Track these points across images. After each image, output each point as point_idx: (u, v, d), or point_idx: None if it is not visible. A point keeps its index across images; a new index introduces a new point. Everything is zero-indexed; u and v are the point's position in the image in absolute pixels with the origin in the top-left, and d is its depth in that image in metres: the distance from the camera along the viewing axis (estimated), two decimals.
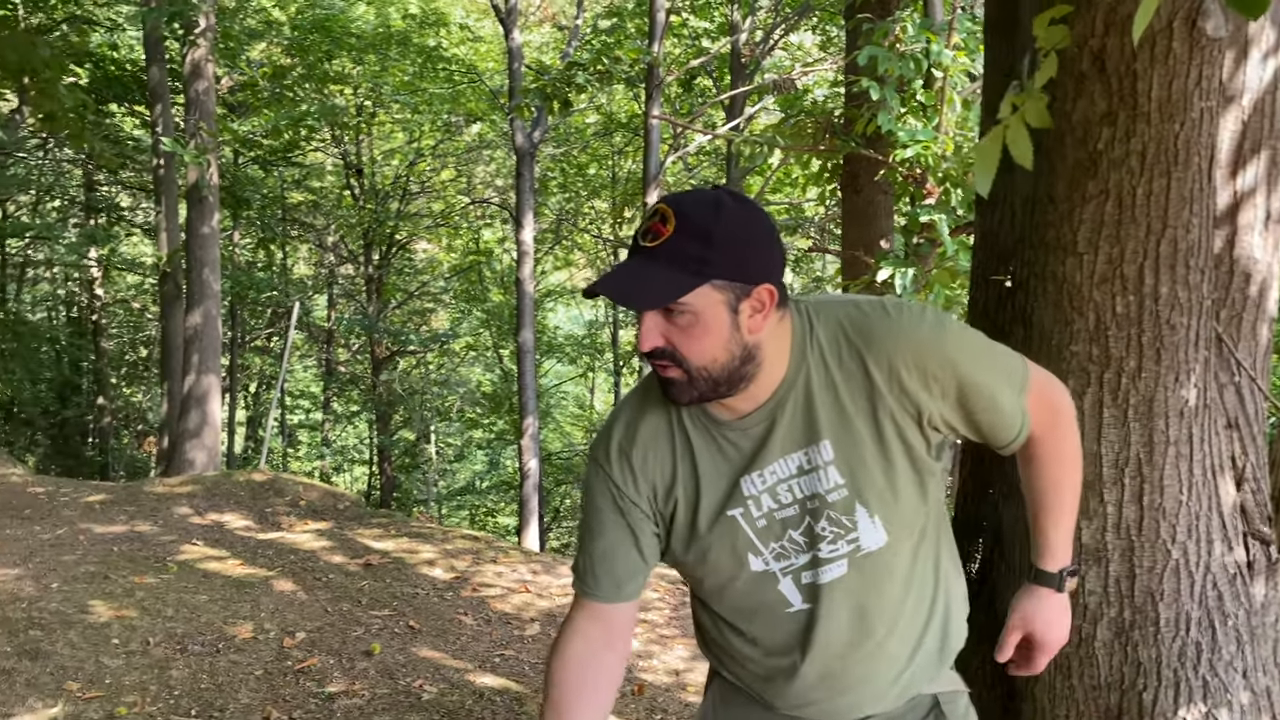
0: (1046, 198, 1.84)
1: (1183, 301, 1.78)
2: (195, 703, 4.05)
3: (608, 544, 1.43)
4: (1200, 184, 1.75)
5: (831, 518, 1.37)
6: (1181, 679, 1.87)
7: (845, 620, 1.39)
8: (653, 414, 1.42)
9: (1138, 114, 1.72)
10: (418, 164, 19.41)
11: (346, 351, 21.64)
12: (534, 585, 6.37)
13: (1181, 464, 1.83)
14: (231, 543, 6.55)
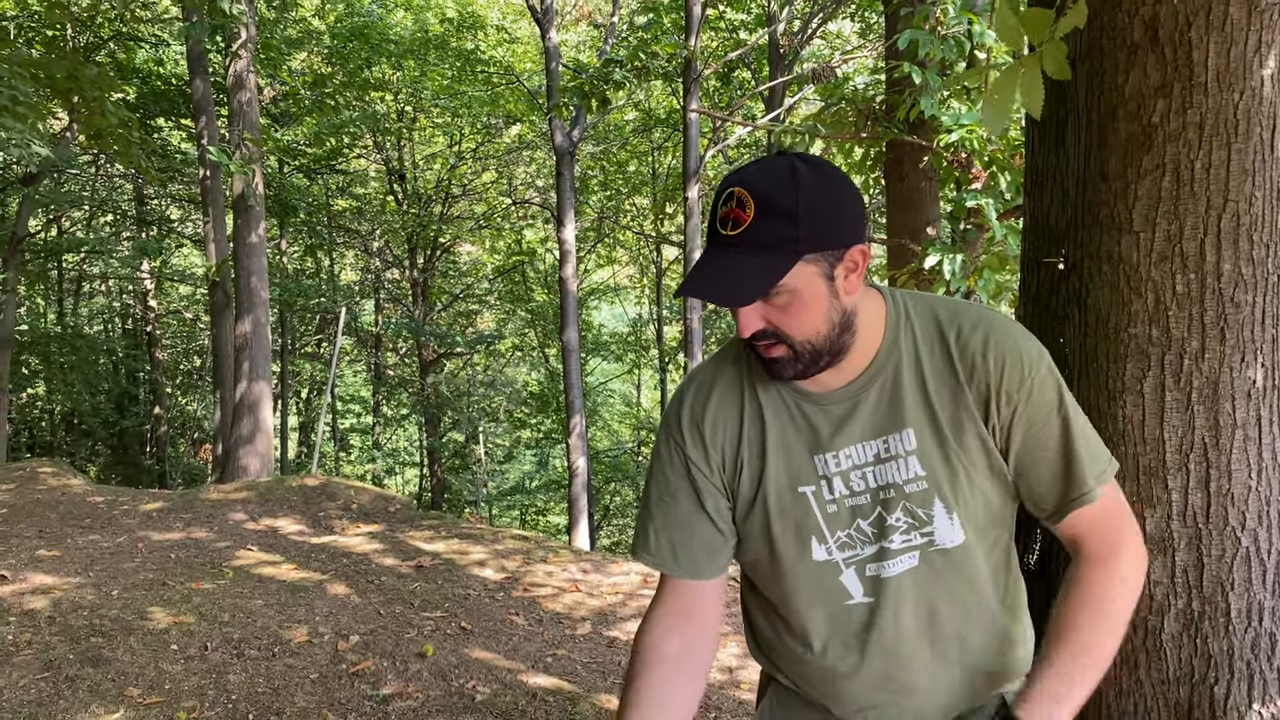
0: (1099, 175, 1.78)
1: (1247, 278, 1.71)
2: (253, 707, 4.09)
3: (683, 518, 1.37)
4: (1263, 155, 1.68)
5: (908, 509, 1.31)
6: (1255, 671, 1.79)
7: (911, 616, 1.33)
8: (725, 378, 1.37)
9: (1194, 84, 1.65)
10: (459, 167, 19.55)
11: (395, 355, 21.87)
12: (584, 584, 6.36)
13: (1250, 448, 1.75)
14: (285, 547, 6.63)
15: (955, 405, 1.29)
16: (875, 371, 1.31)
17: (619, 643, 5.27)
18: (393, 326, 19.66)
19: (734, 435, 1.35)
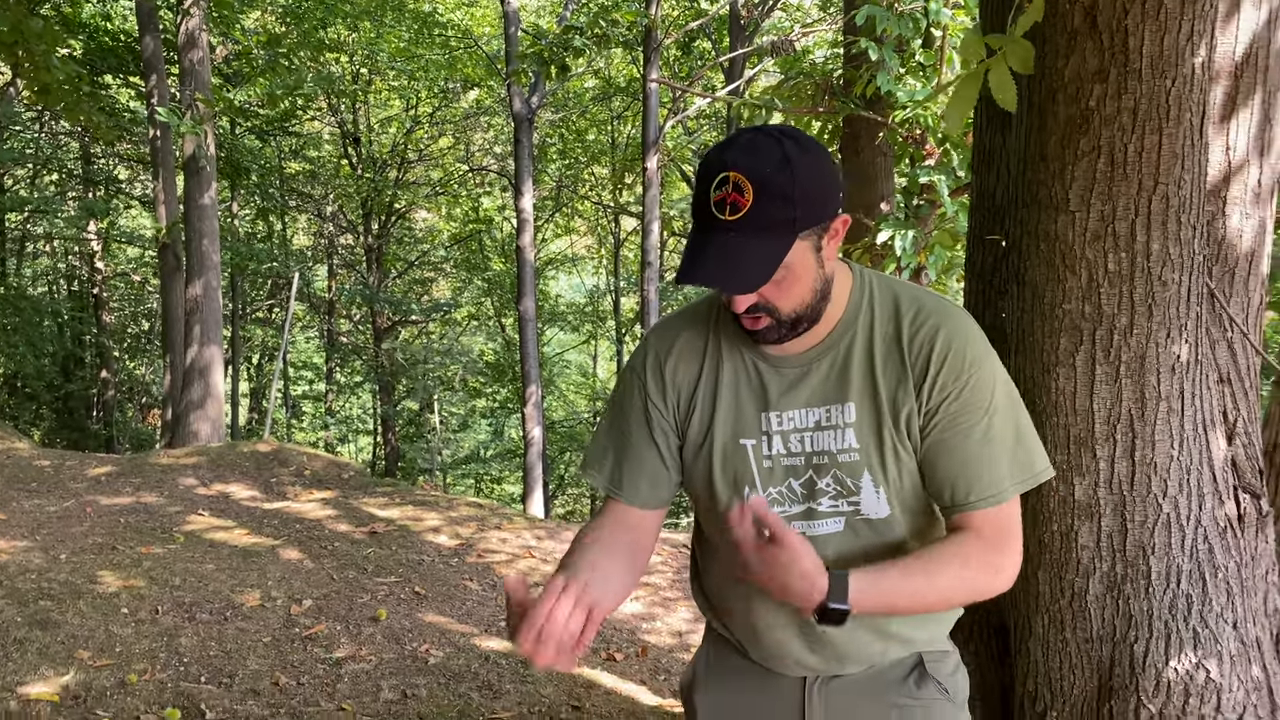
0: (1039, 156, 1.85)
1: (1174, 258, 1.79)
2: (205, 669, 4.10)
3: (633, 447, 1.44)
4: (1192, 140, 1.75)
5: (837, 477, 1.37)
6: (1173, 630, 1.90)
7: None
8: (692, 329, 1.44)
9: (1129, 70, 1.72)
10: (415, 132, 19.30)
11: (348, 322, 21.65)
12: (539, 551, 6.42)
13: (1173, 419, 1.84)
14: (237, 513, 6.59)
15: (898, 385, 1.34)
16: (830, 343, 1.37)
17: None
18: (346, 293, 19.45)
19: (692, 381, 1.41)
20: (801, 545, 1.24)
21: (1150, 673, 1.90)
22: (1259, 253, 2.06)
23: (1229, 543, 1.91)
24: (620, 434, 1.46)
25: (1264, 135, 2.03)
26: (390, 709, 3.79)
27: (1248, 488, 1.95)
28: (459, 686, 4.08)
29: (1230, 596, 1.89)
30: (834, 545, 1.38)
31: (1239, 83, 2.00)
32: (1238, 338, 1.99)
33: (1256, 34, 1.98)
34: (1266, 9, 2.00)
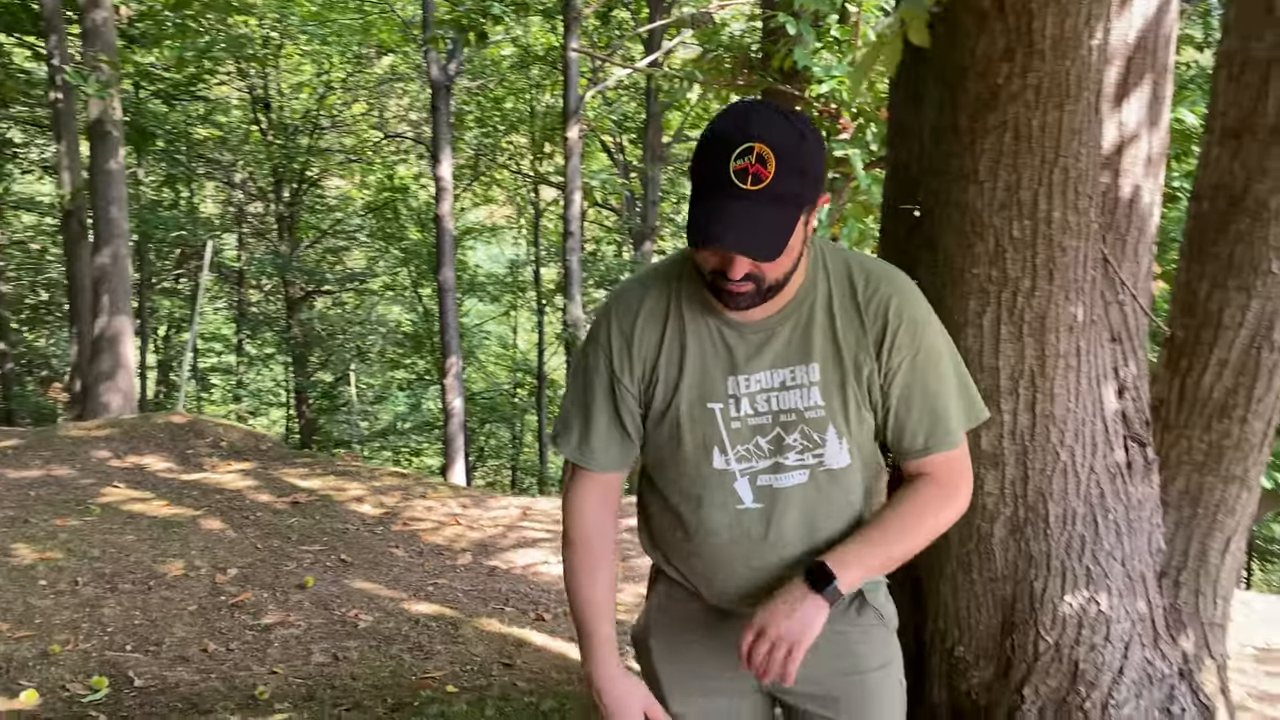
0: (950, 129, 1.98)
1: (1073, 225, 1.94)
2: (130, 638, 4.08)
3: (607, 420, 1.52)
4: (1089, 116, 1.90)
5: (804, 432, 1.46)
6: (1068, 569, 2.07)
7: (793, 525, 1.49)
8: (654, 293, 1.49)
9: (1034, 51, 1.85)
10: (327, 97, 18.86)
11: (258, 292, 21.14)
12: (464, 518, 6.47)
13: (1070, 375, 2.01)
14: (154, 484, 6.49)
15: (858, 346, 1.45)
16: (793, 308, 1.45)
17: (499, 571, 5.42)
18: (258, 262, 19.00)
19: (654, 351, 1.47)
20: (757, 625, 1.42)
21: (1048, 608, 2.07)
22: (1148, 221, 2.24)
23: (1119, 488, 2.10)
24: (586, 409, 1.53)
25: (1153, 111, 2.20)
26: (322, 671, 3.83)
27: (1136, 437, 2.13)
28: (390, 649, 4.14)
29: (1119, 537, 2.08)
30: (798, 496, 1.48)
31: (1132, 63, 2.16)
32: (1128, 300, 2.16)
33: (1148, 19, 2.14)
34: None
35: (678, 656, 1.61)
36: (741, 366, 1.45)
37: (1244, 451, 2.50)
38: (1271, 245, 2.43)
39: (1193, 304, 2.56)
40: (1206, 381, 2.52)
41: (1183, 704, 2.08)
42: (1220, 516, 2.53)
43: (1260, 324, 2.45)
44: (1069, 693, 2.05)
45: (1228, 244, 2.49)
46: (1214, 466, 2.51)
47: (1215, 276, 2.51)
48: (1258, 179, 2.44)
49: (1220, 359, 2.50)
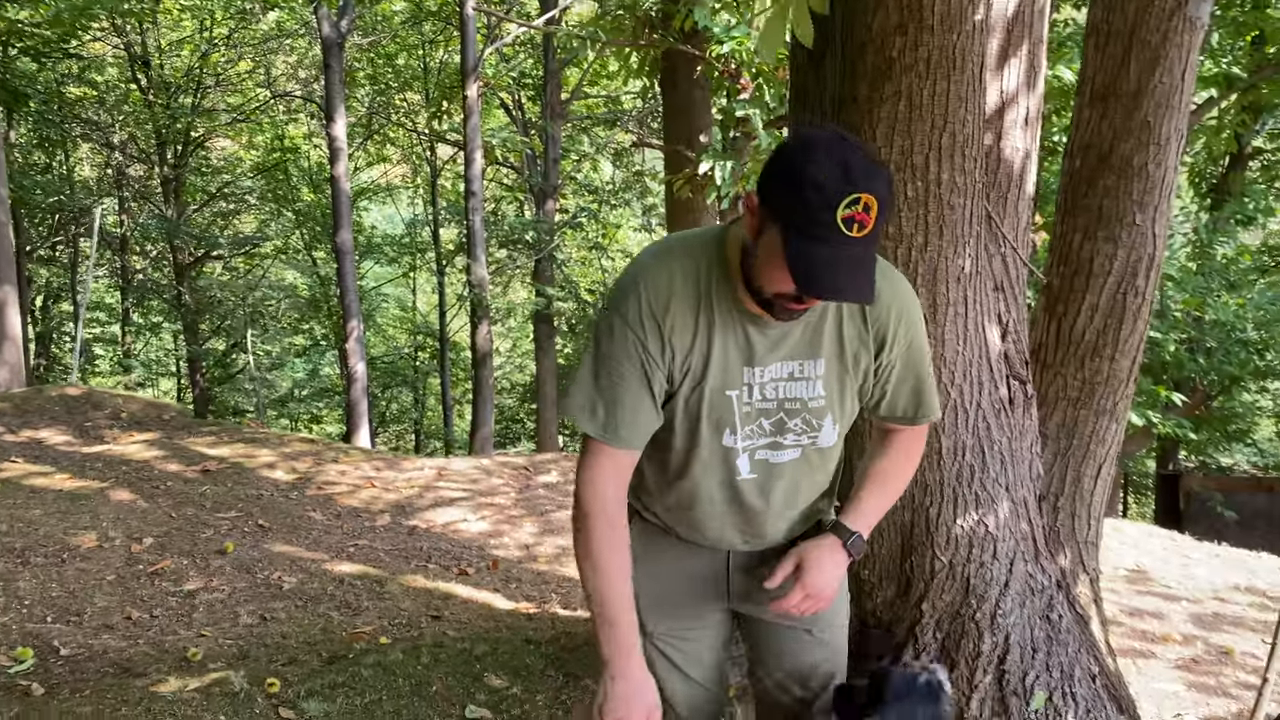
0: (850, 98, 2.15)
1: (960, 185, 2.14)
2: (49, 610, 4.05)
3: (630, 401, 1.55)
4: (973, 86, 2.09)
5: (806, 419, 1.62)
6: (959, 495, 2.30)
7: (781, 492, 1.68)
8: (685, 288, 1.54)
9: (924, 26, 2.03)
10: (211, 55, 18.15)
11: (143, 259, 20.35)
12: (379, 481, 6.51)
13: (959, 321, 2.22)
14: (55, 458, 6.34)
15: (859, 342, 1.61)
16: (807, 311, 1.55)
17: (419, 530, 5.50)
18: (143, 227, 18.28)
19: (687, 343, 1.54)
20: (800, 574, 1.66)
21: (942, 530, 2.30)
22: (1026, 178, 2.46)
23: (1002, 421, 2.33)
24: (616, 389, 1.55)
25: (1030, 77, 2.41)
26: (252, 632, 3.89)
27: (1017, 375, 2.36)
28: (317, 607, 4.21)
29: (1003, 465, 2.31)
30: (789, 468, 1.67)
31: (1011, 35, 2.35)
32: (1009, 252, 2.38)
33: None
34: None
35: (653, 582, 1.75)
36: (758, 360, 1.58)
37: (1113, 387, 2.78)
38: (1134, 199, 2.69)
39: (1067, 254, 2.82)
40: (1079, 324, 2.79)
41: (1060, 611, 2.34)
42: (1093, 446, 2.81)
43: (1125, 271, 2.72)
44: (961, 606, 2.28)
45: (1097, 198, 2.75)
46: (1087, 401, 2.79)
47: (1086, 228, 2.77)
48: (1122, 139, 2.69)
49: (1091, 304, 2.77)
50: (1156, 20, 2.59)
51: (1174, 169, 2.70)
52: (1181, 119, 2.67)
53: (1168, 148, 2.65)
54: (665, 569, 1.77)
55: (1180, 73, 2.62)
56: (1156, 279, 2.77)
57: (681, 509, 1.70)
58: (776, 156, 1.43)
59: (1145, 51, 2.62)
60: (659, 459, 1.67)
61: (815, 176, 1.35)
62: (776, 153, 1.44)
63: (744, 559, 1.77)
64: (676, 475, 1.68)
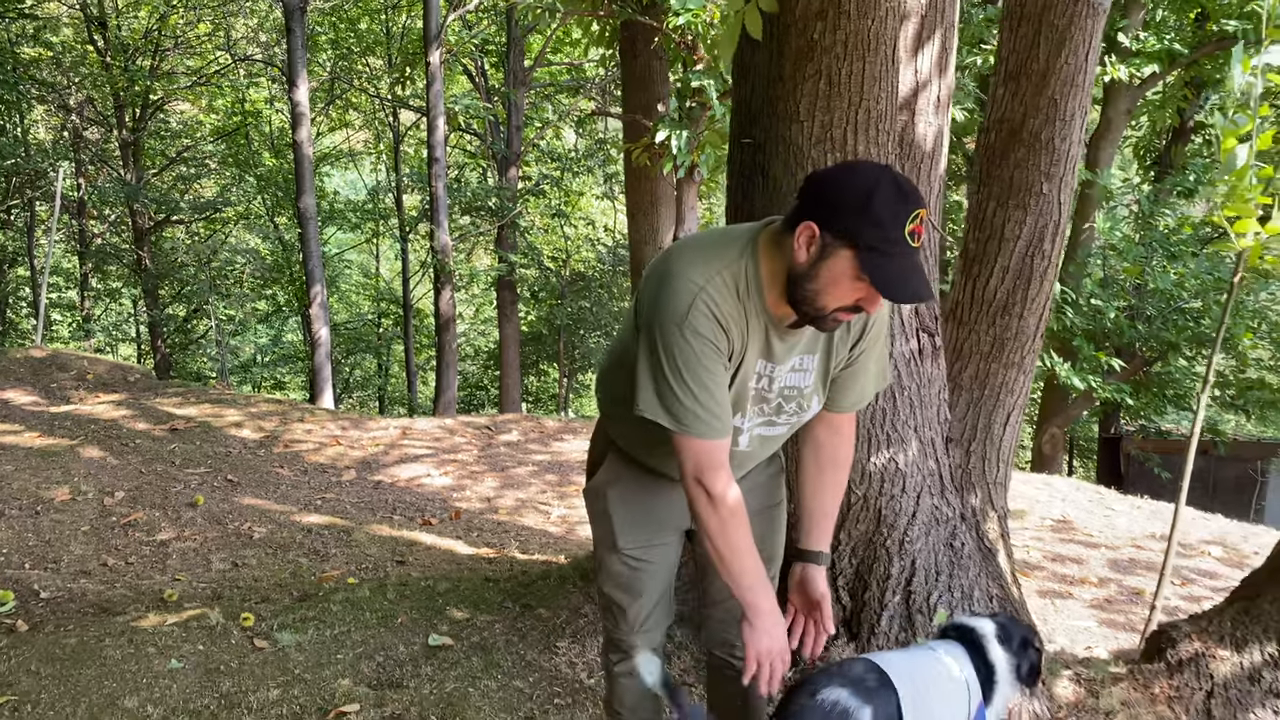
0: (778, 76, 2.37)
1: (874, 156, 2.37)
2: (27, 558, 4.22)
3: (724, 395, 1.75)
4: (886, 67, 2.32)
5: (799, 402, 1.88)
6: (873, 436, 2.55)
7: (762, 450, 1.96)
8: (729, 300, 1.72)
9: (841, 11, 2.25)
10: (170, 17, 17.95)
11: (102, 223, 20.16)
12: (345, 439, 6.70)
13: None
14: (22, 417, 6.46)
15: (840, 341, 1.87)
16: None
17: (384, 484, 5.72)
18: (101, 191, 18.11)
19: (734, 347, 1.77)
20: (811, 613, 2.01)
21: (858, 467, 2.56)
22: (938, 152, 2.69)
23: (912, 370, 2.58)
24: (705, 388, 1.72)
25: (942, 60, 2.64)
26: (224, 577, 4.10)
27: (926, 329, 2.61)
28: (287, 555, 4.42)
29: (913, 409, 2.57)
30: (774, 440, 1.95)
31: (925, 20, 2.58)
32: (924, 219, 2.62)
33: None
34: None
35: (627, 505, 2.01)
36: (776, 357, 1.82)
37: (1021, 342, 3.05)
38: (1042, 170, 2.95)
39: (981, 220, 3.07)
40: (991, 285, 3.05)
41: (963, 540, 2.61)
42: (1003, 396, 3.08)
43: (1033, 236, 2.98)
44: (874, 534, 2.55)
45: (1008, 169, 3.00)
46: (998, 355, 3.06)
47: (999, 197, 3.02)
48: (1032, 115, 2.94)
49: (1003, 266, 3.02)
50: (1063, 5, 2.83)
51: (1078, 143, 2.95)
52: (1085, 97, 2.92)
53: (1072, 123, 2.90)
54: (638, 495, 2.01)
55: (1084, 54, 2.86)
56: (1062, 244, 3.04)
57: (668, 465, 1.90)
58: (833, 188, 1.63)
59: (1053, 34, 2.86)
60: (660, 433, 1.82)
61: (882, 201, 1.57)
62: (831, 185, 1.64)
63: None
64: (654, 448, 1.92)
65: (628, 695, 2.13)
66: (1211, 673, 2.42)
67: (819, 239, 1.62)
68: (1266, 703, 2.34)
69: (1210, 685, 2.42)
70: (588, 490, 2.09)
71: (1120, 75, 10.48)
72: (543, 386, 22.71)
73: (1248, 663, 2.39)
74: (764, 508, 2.06)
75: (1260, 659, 2.38)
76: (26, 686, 2.76)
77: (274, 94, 19.50)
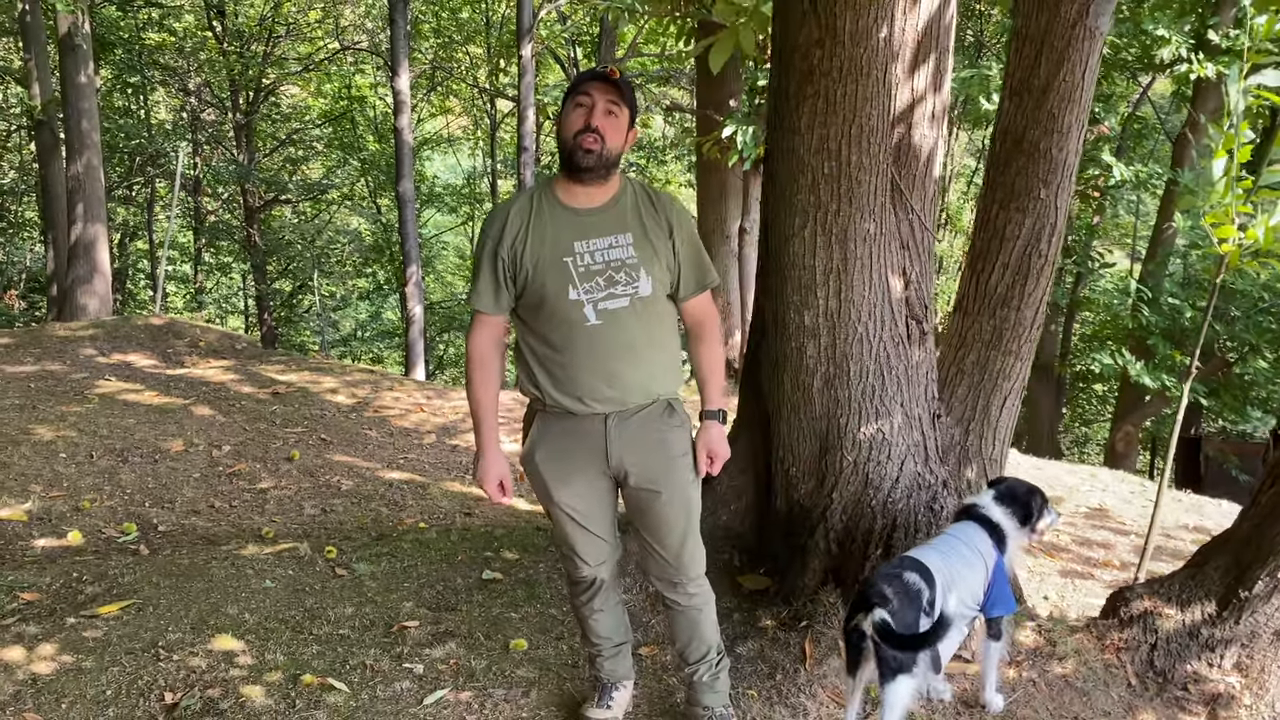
0: (783, 94, 2.74)
1: (867, 165, 2.73)
2: (147, 498, 4.85)
3: (490, 277, 2.33)
4: (878, 89, 2.67)
5: (627, 273, 2.28)
6: (864, 409, 2.91)
7: (621, 336, 2.30)
8: (521, 200, 2.36)
9: (838, 40, 2.61)
10: (283, 4, 18.94)
11: (215, 200, 21.38)
12: (428, 407, 7.26)
13: (865, 272, 2.82)
14: (143, 378, 7.18)
15: (655, 226, 2.32)
16: (612, 202, 2.32)
17: (460, 449, 6.24)
18: (217, 171, 19.25)
19: (517, 233, 2.33)
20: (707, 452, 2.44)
21: (850, 436, 2.92)
22: (934, 161, 3.02)
23: (900, 352, 2.93)
24: (485, 274, 2.36)
25: (936, 79, 2.97)
26: (314, 520, 4.65)
27: (915, 316, 2.95)
28: (369, 505, 4.96)
29: (899, 387, 2.92)
30: (625, 317, 2.31)
31: (920, 46, 2.91)
32: (916, 219, 2.96)
33: (932, 15, 2.89)
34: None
35: (553, 459, 2.38)
36: (582, 235, 2.31)
37: (1018, 333, 3.36)
38: (1040, 177, 3.24)
39: (986, 221, 3.38)
40: (993, 279, 3.36)
41: (942, 504, 2.95)
42: (1000, 381, 3.39)
43: (1031, 236, 3.29)
44: (861, 495, 2.91)
45: (1011, 175, 3.30)
46: (997, 343, 3.37)
47: (1002, 200, 3.33)
48: (1032, 126, 3.24)
49: (1004, 263, 3.33)
50: (1062, 28, 3.11)
51: (1075, 153, 3.23)
52: (1082, 111, 3.20)
53: (1069, 135, 3.19)
54: (561, 447, 2.38)
55: (1081, 73, 3.15)
56: (1058, 244, 3.32)
57: (558, 366, 2.34)
58: None
59: (1053, 54, 3.15)
60: (536, 334, 2.36)
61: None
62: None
63: (616, 432, 2.37)
64: (542, 336, 2.35)
65: (599, 627, 2.55)
66: (1158, 628, 2.72)
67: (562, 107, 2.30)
68: (1202, 655, 2.64)
69: (1155, 639, 2.72)
70: (521, 459, 2.47)
71: (1208, 73, 10.38)
72: None
73: (1189, 620, 2.68)
74: (663, 458, 2.40)
75: (1200, 617, 2.67)
76: (148, 594, 3.31)
77: (379, 80, 20.38)
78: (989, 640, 2.61)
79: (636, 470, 2.35)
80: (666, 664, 2.98)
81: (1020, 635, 2.87)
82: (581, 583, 2.50)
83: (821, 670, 2.83)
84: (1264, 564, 2.69)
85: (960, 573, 2.44)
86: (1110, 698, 2.75)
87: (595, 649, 2.59)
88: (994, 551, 2.54)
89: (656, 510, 2.39)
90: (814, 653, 2.84)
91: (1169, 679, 2.73)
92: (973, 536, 2.53)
